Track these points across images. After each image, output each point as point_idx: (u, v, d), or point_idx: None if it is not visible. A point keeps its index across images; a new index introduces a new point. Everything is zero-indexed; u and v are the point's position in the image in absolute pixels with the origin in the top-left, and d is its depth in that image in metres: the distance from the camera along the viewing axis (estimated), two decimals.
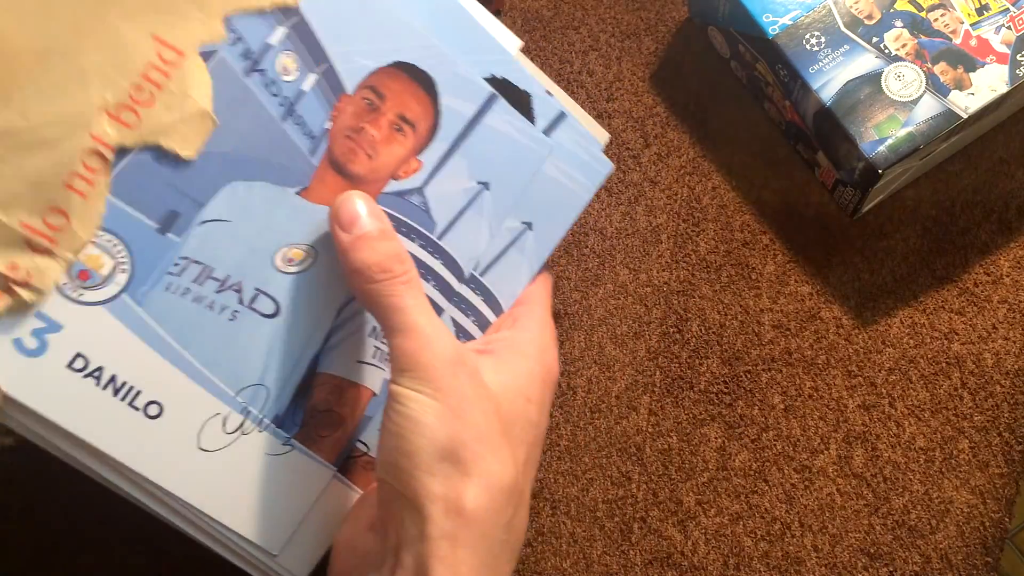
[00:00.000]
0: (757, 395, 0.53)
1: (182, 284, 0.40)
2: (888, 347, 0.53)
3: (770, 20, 0.52)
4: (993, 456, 0.52)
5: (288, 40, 0.41)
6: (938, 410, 0.52)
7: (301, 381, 0.42)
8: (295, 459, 0.42)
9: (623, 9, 0.60)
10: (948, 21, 0.52)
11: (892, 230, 0.55)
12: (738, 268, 0.55)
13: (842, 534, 0.50)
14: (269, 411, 0.42)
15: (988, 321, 0.53)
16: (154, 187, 0.39)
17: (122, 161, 0.38)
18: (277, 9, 0.40)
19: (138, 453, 0.39)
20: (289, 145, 0.41)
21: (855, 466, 0.51)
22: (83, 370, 0.39)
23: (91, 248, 0.38)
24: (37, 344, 0.38)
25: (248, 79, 0.40)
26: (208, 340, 0.41)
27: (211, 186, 0.40)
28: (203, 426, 0.41)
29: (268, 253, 0.42)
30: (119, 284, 0.39)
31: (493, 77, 0.44)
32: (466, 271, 0.45)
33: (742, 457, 0.52)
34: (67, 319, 0.38)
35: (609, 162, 0.47)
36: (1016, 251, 0.55)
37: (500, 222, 0.45)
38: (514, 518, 0.38)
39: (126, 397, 0.39)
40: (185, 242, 0.40)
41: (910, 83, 0.51)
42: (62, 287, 0.38)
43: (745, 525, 0.51)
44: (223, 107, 0.40)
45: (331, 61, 0.42)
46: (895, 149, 0.50)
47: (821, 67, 0.51)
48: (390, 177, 0.44)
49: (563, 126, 0.46)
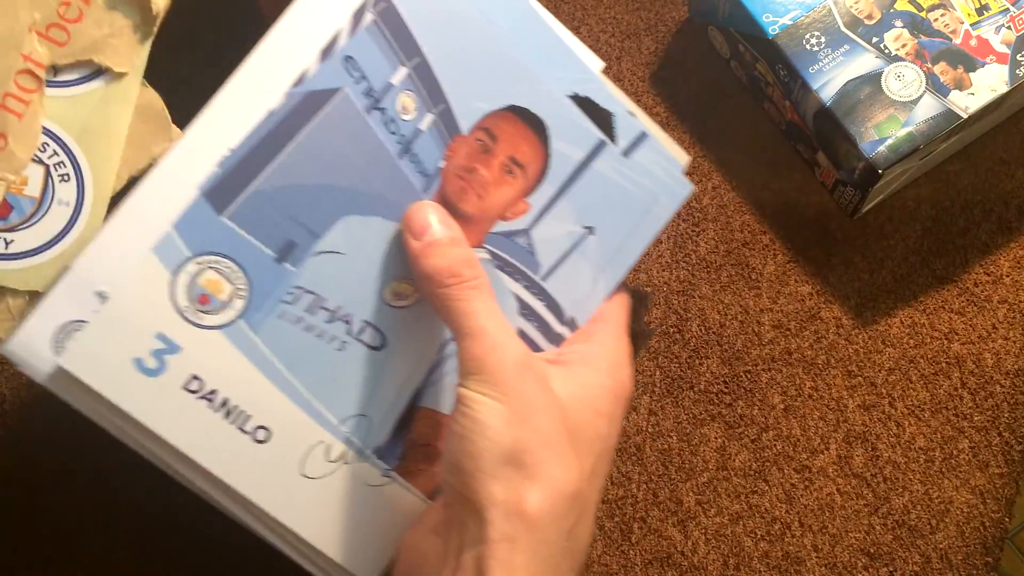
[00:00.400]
0: (757, 395, 0.53)
1: (295, 313, 0.41)
2: (888, 347, 0.53)
3: (770, 20, 0.52)
4: (993, 456, 0.52)
5: (409, 80, 0.42)
6: (938, 410, 0.52)
7: (402, 414, 0.43)
8: (393, 491, 0.42)
9: (623, 9, 0.60)
10: (948, 21, 0.52)
11: (892, 230, 0.55)
12: (738, 268, 0.55)
13: (842, 534, 0.51)
14: (371, 442, 0.42)
15: (988, 321, 0.53)
16: (274, 217, 0.40)
17: (244, 192, 0.40)
18: (400, 50, 0.42)
19: (244, 476, 0.40)
20: (404, 182, 0.42)
21: (855, 466, 0.51)
22: (197, 392, 0.39)
23: (211, 273, 0.40)
24: (156, 364, 0.39)
25: (369, 116, 0.42)
26: (316, 369, 0.41)
27: (328, 219, 0.41)
28: (308, 453, 0.41)
29: (378, 287, 0.42)
30: (236, 310, 0.40)
31: (576, 95, 0.45)
32: (567, 314, 0.45)
33: (742, 457, 0.52)
34: (186, 341, 0.39)
35: (689, 184, 0.47)
36: (1016, 251, 0.55)
37: (604, 267, 0.45)
38: (577, 526, 0.38)
39: (236, 420, 0.40)
40: (300, 272, 0.41)
41: (910, 83, 0.51)
42: (183, 310, 0.39)
43: (745, 525, 0.51)
44: (346, 142, 0.41)
45: (448, 102, 0.43)
46: (895, 149, 0.50)
47: (821, 67, 0.51)
48: (498, 217, 0.44)
49: (644, 146, 0.46)
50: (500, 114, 0.44)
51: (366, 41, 0.42)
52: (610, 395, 0.41)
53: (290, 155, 0.40)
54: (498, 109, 0.44)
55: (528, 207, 0.44)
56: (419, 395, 0.43)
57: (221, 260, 0.40)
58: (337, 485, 0.42)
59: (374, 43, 0.42)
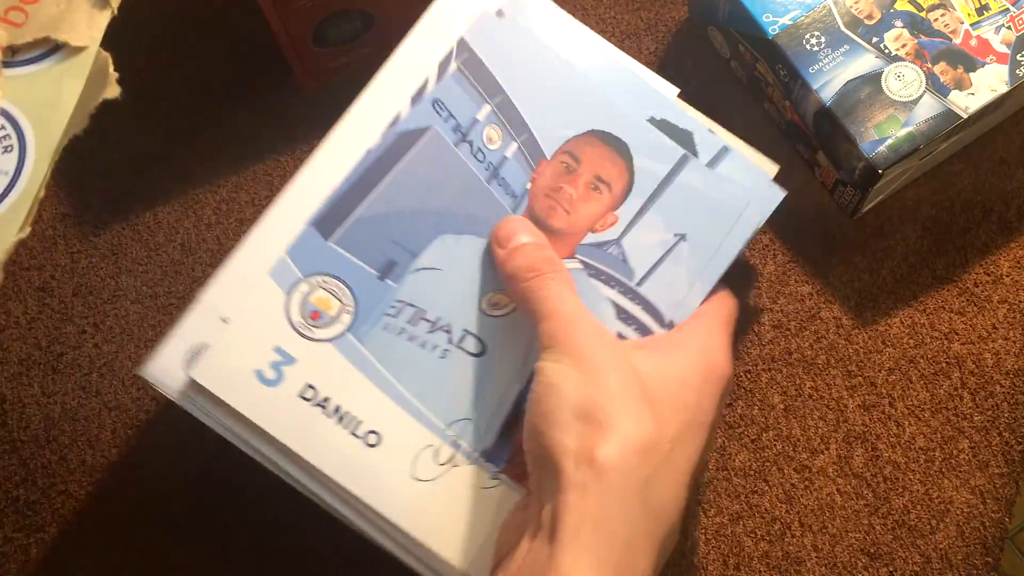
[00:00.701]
0: (757, 395, 0.53)
1: (398, 324, 0.45)
2: (888, 347, 0.53)
3: (770, 20, 0.52)
4: (993, 456, 0.52)
5: (493, 115, 0.47)
6: (938, 410, 0.52)
7: (507, 417, 0.45)
8: (503, 493, 0.44)
9: (623, 9, 0.60)
10: (948, 21, 0.52)
11: (892, 230, 0.55)
12: (738, 268, 0.55)
13: (842, 534, 0.51)
14: (478, 445, 0.44)
15: (988, 321, 0.53)
16: (375, 240, 0.46)
17: (348, 219, 0.45)
18: (483, 91, 0.48)
19: (357, 478, 0.43)
20: (494, 203, 0.47)
21: (855, 466, 0.51)
22: (312, 399, 0.44)
23: (321, 292, 0.45)
24: (275, 375, 0.44)
25: (458, 148, 0.47)
26: (421, 376, 0.45)
27: (425, 239, 0.46)
28: (417, 456, 0.44)
29: (475, 298, 0.46)
30: (344, 324, 0.45)
31: (653, 118, 0.48)
32: (666, 317, 0.46)
33: (742, 457, 0.52)
34: (300, 354, 0.44)
35: (780, 190, 0.48)
36: (1016, 251, 0.55)
37: (699, 271, 0.47)
38: (654, 481, 0.38)
39: (349, 425, 0.43)
40: (401, 287, 0.45)
41: (910, 83, 0.51)
42: (297, 325, 0.44)
43: (745, 525, 0.51)
44: (438, 172, 0.46)
45: (532, 131, 0.47)
46: (895, 149, 0.50)
47: (821, 67, 0.51)
48: (588, 230, 0.47)
49: (727, 159, 0.48)
50: (582, 138, 0.48)
51: (452, 85, 0.47)
52: (698, 371, 0.42)
53: (387, 186, 0.46)
54: (580, 134, 0.48)
55: (616, 219, 0.47)
56: (523, 399, 0.45)
57: (329, 280, 0.45)
58: (448, 487, 0.44)
59: (459, 86, 0.47)
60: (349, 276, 0.45)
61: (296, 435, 0.43)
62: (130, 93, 0.59)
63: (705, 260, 0.47)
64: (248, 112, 0.58)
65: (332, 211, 0.45)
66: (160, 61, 0.59)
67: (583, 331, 0.41)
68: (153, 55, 0.59)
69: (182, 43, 0.60)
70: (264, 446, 0.43)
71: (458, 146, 0.47)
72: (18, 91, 0.43)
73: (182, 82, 0.59)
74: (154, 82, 0.59)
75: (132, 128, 0.58)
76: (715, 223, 0.47)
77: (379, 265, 0.45)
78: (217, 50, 0.59)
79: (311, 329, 0.44)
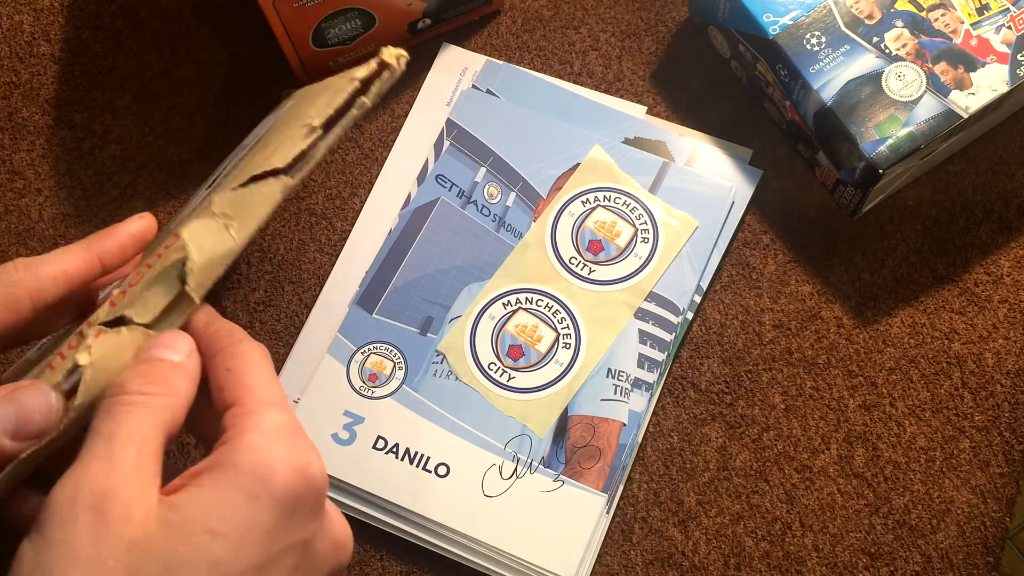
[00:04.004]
0: (758, 395, 0.53)
1: (444, 369, 0.52)
2: (889, 347, 0.53)
3: (770, 20, 0.52)
4: (994, 456, 0.52)
5: (489, 174, 0.55)
6: (939, 410, 0.52)
7: (557, 425, 0.51)
8: (567, 492, 0.50)
9: (623, 9, 0.60)
10: (948, 21, 0.52)
11: (892, 230, 0.55)
12: (739, 268, 0.55)
13: (843, 534, 0.50)
14: (535, 455, 0.50)
15: (988, 321, 0.53)
16: (411, 303, 0.53)
17: (385, 292, 0.53)
18: (476, 157, 0.55)
19: (436, 506, 0.49)
20: (505, 248, 0.54)
21: (856, 466, 0.51)
22: (383, 448, 0.50)
23: (374, 357, 0.52)
24: (349, 435, 0.51)
25: (466, 209, 0.55)
26: (473, 407, 0.51)
27: (452, 292, 0.53)
28: (484, 476, 0.50)
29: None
30: (398, 379, 0.52)
31: (627, 138, 0.56)
32: (679, 305, 0.52)
33: (743, 457, 0.52)
34: (366, 412, 0.51)
35: (756, 170, 0.55)
36: (1016, 251, 0.55)
37: (702, 261, 0.53)
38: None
39: (419, 463, 0.50)
40: (440, 338, 0.52)
41: (910, 83, 0.51)
42: (359, 389, 0.52)
43: (746, 525, 0.51)
44: (453, 233, 0.54)
45: (525, 179, 0.55)
46: (895, 149, 0.50)
47: (821, 67, 0.51)
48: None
49: (702, 157, 0.55)
50: (568, 172, 0.55)
51: (449, 159, 0.56)
52: (241, 500, 0.32)
53: (412, 256, 0.54)
54: (567, 169, 0.55)
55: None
56: (569, 406, 0.51)
57: (379, 346, 0.52)
58: (517, 498, 0.49)
59: (455, 159, 0.56)
60: (395, 339, 0.52)
61: (376, 481, 0.49)
62: (130, 93, 0.59)
63: (707, 248, 0.53)
64: (248, 112, 0.58)
65: (370, 289, 0.53)
66: (160, 61, 0.59)
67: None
68: (153, 55, 0.59)
69: (182, 43, 0.60)
70: (356, 502, 0.50)
71: (465, 207, 0.54)
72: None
73: (182, 82, 0.59)
74: (154, 82, 0.59)
75: (132, 128, 0.58)
76: (707, 213, 0.54)
77: (418, 323, 0.53)
78: (217, 50, 0.59)
79: (372, 389, 0.52)
